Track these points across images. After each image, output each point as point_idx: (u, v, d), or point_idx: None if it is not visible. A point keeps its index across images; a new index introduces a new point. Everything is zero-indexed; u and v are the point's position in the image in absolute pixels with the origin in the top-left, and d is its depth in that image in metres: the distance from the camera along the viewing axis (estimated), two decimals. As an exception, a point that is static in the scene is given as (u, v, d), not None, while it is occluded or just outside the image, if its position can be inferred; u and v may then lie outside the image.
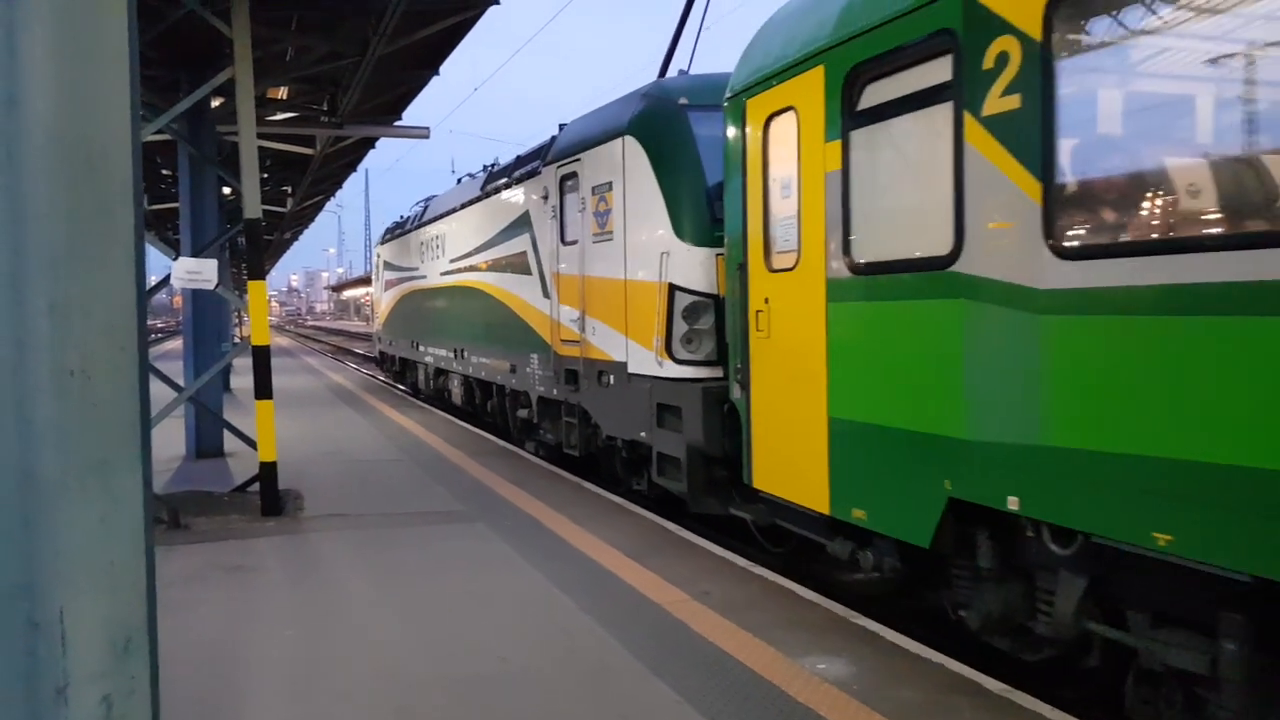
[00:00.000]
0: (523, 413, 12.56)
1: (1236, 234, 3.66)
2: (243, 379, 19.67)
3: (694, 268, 7.92)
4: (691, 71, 9.57)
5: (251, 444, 8.55)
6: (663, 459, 8.17)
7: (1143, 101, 4.42)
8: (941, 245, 4.70)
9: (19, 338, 1.74)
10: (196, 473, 10.32)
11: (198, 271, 8.41)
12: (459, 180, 17.31)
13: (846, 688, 4.44)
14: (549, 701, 4.33)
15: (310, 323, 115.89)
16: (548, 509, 8.37)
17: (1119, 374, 3.84)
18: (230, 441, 11.30)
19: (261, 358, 8.35)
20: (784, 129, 6.20)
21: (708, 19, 8.13)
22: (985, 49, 4.46)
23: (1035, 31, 4.20)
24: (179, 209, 11.63)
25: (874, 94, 5.37)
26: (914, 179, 5.17)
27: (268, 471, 8.29)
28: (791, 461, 6.08)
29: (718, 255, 7.53)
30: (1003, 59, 4.40)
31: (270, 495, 8.28)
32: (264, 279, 8.55)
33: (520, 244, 12.19)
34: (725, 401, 7.21)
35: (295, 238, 42.60)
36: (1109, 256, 3.91)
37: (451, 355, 16.25)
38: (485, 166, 15.33)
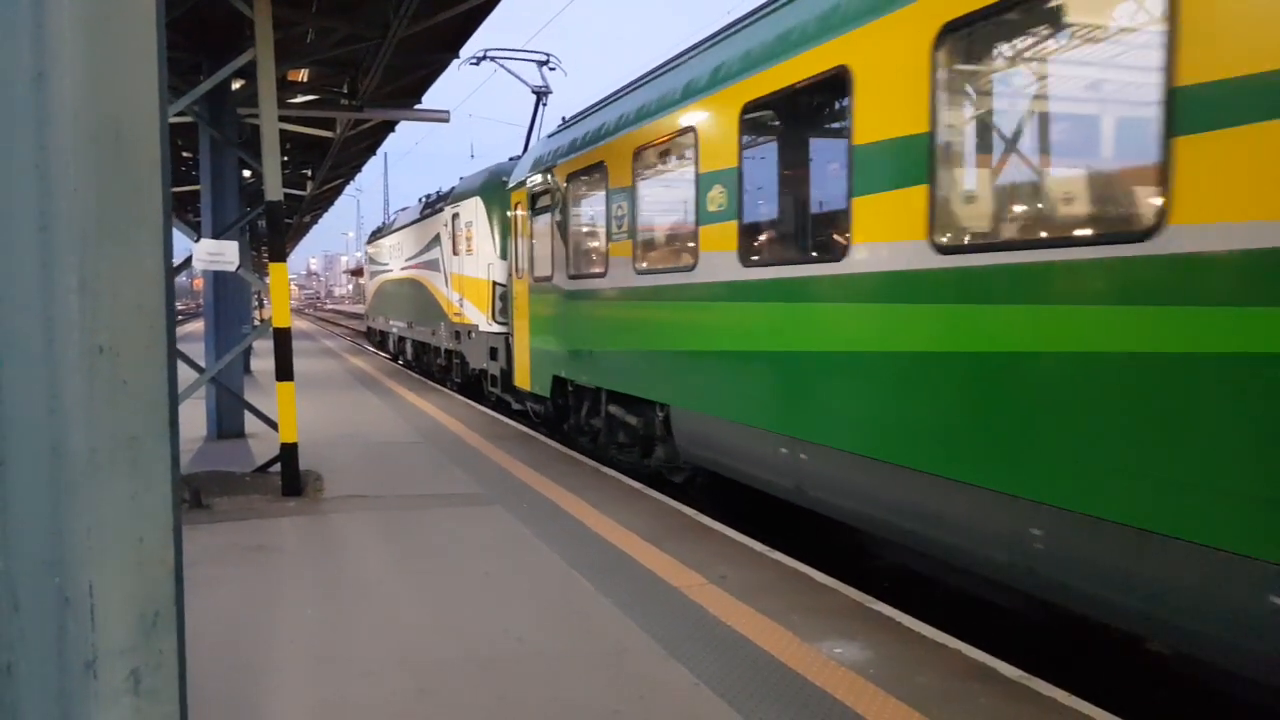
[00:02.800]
0: (440, 361, 20.31)
1: (598, 272, 9.96)
2: (263, 361, 19.85)
3: (504, 273, 15.03)
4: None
5: (272, 425, 8.61)
6: (493, 378, 15.48)
7: (552, 228, 11.57)
8: (549, 271, 11.68)
9: (49, 315, 1.74)
10: (218, 453, 10.41)
11: (219, 253, 8.45)
12: (419, 199, 24.18)
13: (863, 672, 4.44)
14: (566, 682, 4.35)
15: (329, 306, 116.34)
16: (565, 492, 8.40)
17: (579, 320, 10.49)
18: (251, 423, 11.39)
19: (282, 340, 8.39)
20: (520, 211, 13.37)
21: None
22: (555, 193, 11.54)
23: (563, 181, 11.23)
24: (200, 191, 11.68)
25: (538, 205, 12.38)
26: (543, 243, 12.03)
27: (288, 452, 8.35)
28: (523, 369, 13.05)
29: None
30: (557, 195, 11.48)
31: (291, 476, 8.34)
32: (285, 261, 8.58)
33: (436, 253, 19.81)
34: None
35: (315, 221, 42.73)
36: (575, 280, 10.69)
37: (406, 326, 24.05)
38: (424, 196, 23.09)
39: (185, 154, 17.29)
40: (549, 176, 11.58)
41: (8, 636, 1.80)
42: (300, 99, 13.51)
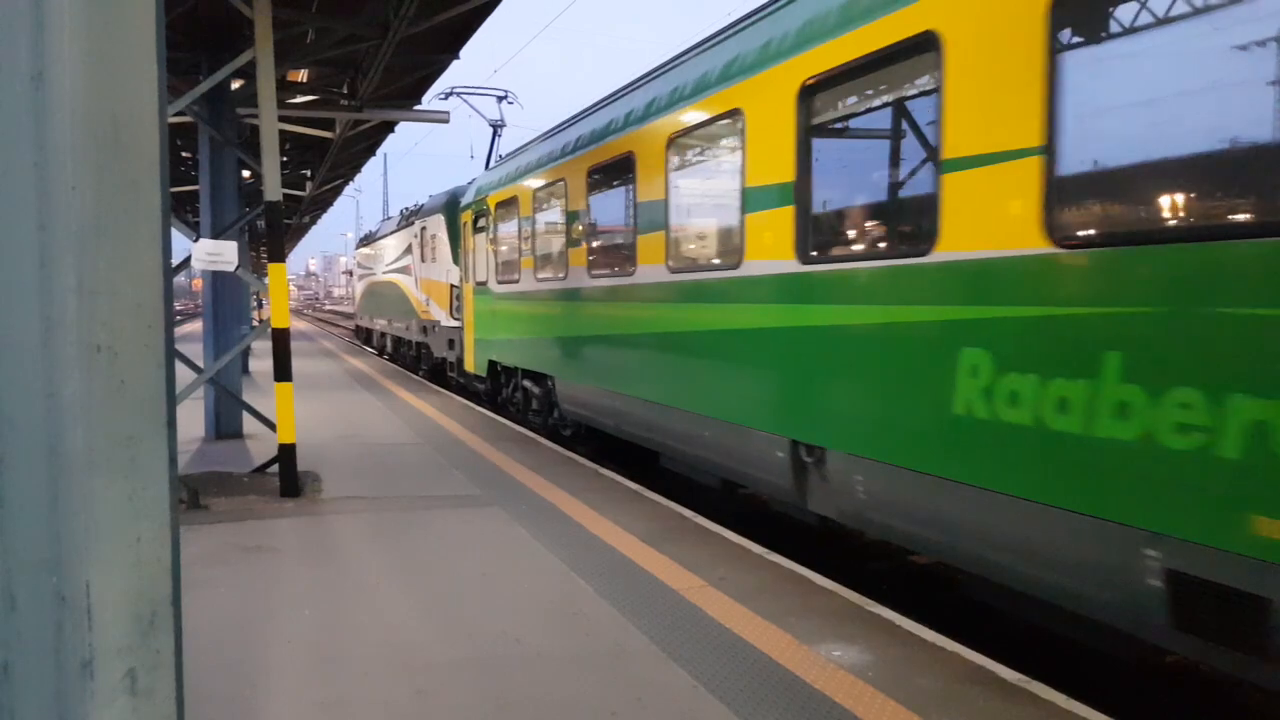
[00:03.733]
0: (411, 352, 24.09)
1: (514, 279, 13.42)
2: (261, 362, 19.86)
3: (459, 277, 18.13)
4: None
5: (271, 426, 8.60)
6: (451, 364, 18.95)
7: (487, 243, 15.26)
8: (485, 277, 15.18)
9: (47, 314, 1.74)
10: (216, 454, 10.40)
11: (218, 253, 8.44)
12: (400, 211, 27.87)
13: (862, 675, 4.43)
14: (564, 683, 4.35)
15: (328, 307, 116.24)
16: (564, 494, 8.39)
17: (503, 316, 13.95)
18: (249, 424, 11.39)
19: (281, 340, 8.38)
20: (467, 229, 16.59)
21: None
22: (488, 216, 14.98)
23: (492, 207, 14.81)
24: (199, 191, 11.67)
25: (479, 224, 15.66)
26: (482, 255, 15.39)
27: (286, 453, 8.34)
28: (469, 356, 16.22)
29: None
30: (489, 218, 14.93)
31: (289, 477, 8.33)
32: (284, 262, 8.57)
33: (409, 259, 23.85)
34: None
35: (314, 222, 42.67)
36: (501, 285, 14.07)
37: (387, 323, 28.32)
38: (403, 210, 26.87)
39: (184, 154, 17.29)
40: (485, 203, 15.22)
41: (4, 636, 1.80)
42: (300, 99, 13.51)
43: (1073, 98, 4.29)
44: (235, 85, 11.34)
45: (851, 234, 6.17)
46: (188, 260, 8.90)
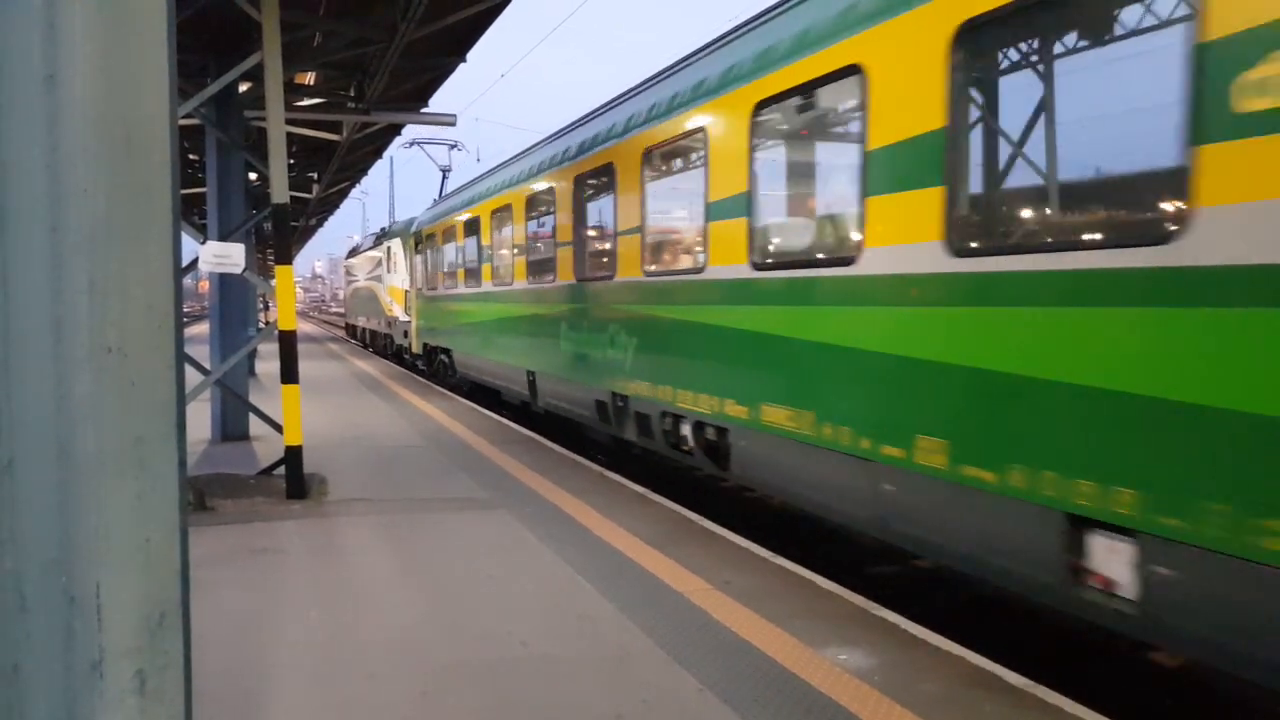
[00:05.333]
0: (381, 341, 31.04)
1: (434, 287, 20.90)
2: (267, 364, 19.90)
3: (410, 284, 24.75)
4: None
5: (277, 428, 8.61)
6: (404, 348, 25.53)
7: (424, 260, 22.40)
8: (421, 285, 22.56)
9: (58, 315, 1.75)
10: (222, 456, 10.42)
11: (225, 255, 8.47)
12: (380, 229, 36.53)
13: (867, 679, 4.43)
14: (570, 686, 4.35)
15: (334, 309, 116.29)
16: (570, 497, 8.40)
17: (430, 311, 21.26)
18: (255, 425, 11.40)
19: (288, 343, 8.40)
20: (414, 249, 23.87)
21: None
22: (423, 242, 22.27)
23: (425, 236, 22.16)
24: (205, 194, 11.71)
25: (419, 247, 22.87)
26: (420, 269, 22.81)
27: (293, 455, 8.35)
28: (414, 341, 23.97)
29: None
30: (424, 244, 22.23)
31: (295, 479, 8.35)
32: (291, 264, 8.58)
33: (380, 270, 30.49)
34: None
35: (320, 224, 42.84)
36: (430, 290, 21.03)
37: (366, 320, 35.70)
38: (380, 228, 35.09)
39: (191, 156, 17.34)
40: (421, 233, 21.93)
41: (15, 636, 1.80)
42: (307, 102, 13.56)
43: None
44: (243, 88, 11.37)
45: (540, 265, 12.07)
46: (195, 262, 8.92)
